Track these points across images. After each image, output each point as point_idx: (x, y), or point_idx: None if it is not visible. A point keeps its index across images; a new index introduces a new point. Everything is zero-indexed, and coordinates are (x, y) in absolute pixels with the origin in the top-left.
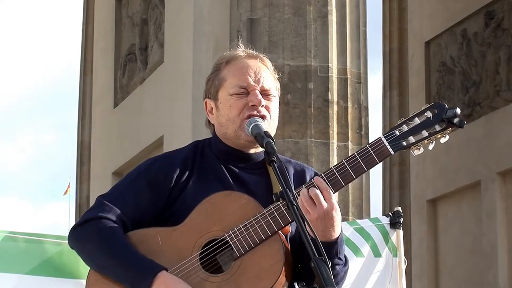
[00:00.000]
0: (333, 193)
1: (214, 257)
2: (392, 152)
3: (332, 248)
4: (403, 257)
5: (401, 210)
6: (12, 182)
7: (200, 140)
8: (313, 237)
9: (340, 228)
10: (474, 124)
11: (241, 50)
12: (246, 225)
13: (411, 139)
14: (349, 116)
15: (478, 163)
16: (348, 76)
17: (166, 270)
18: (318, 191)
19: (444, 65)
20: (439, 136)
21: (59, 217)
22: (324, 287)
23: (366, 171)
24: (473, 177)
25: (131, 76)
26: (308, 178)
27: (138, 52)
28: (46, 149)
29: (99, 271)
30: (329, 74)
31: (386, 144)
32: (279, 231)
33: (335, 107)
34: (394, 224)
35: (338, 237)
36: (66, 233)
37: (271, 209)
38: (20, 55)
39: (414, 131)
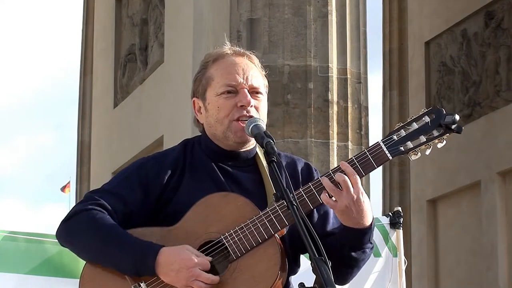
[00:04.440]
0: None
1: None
2: (390, 158)
3: (366, 234)
4: (403, 257)
5: (401, 210)
6: (11, 184)
7: (189, 138)
8: (314, 236)
9: (371, 213)
10: (474, 124)
11: (227, 48)
12: (242, 227)
13: (409, 144)
14: (349, 116)
15: (478, 163)
16: (348, 76)
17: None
18: (346, 177)
19: (444, 65)
20: (436, 141)
21: (59, 218)
22: (324, 287)
23: (363, 175)
24: (473, 177)
25: (131, 76)
26: (299, 169)
27: (138, 52)
28: (45, 150)
29: (94, 261)
30: (329, 74)
31: (385, 149)
32: (275, 234)
33: (335, 107)
34: (394, 224)
35: (371, 223)
36: None
37: (268, 211)
38: (19, 55)
39: (412, 136)
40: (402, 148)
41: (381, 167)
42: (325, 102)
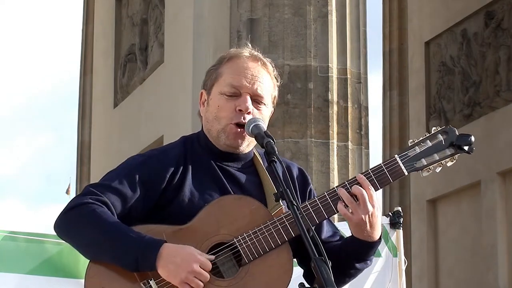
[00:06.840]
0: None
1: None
2: (406, 173)
3: (373, 248)
4: (403, 257)
5: (401, 210)
6: (11, 184)
7: (187, 136)
8: (313, 236)
9: (381, 227)
10: (474, 124)
11: (247, 50)
12: (256, 231)
13: (423, 161)
14: (349, 116)
15: (478, 163)
16: (348, 76)
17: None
18: (363, 191)
19: (444, 65)
20: (448, 160)
21: None
22: (324, 287)
23: (379, 189)
24: (473, 177)
25: (131, 76)
26: (295, 174)
27: (138, 52)
28: (45, 150)
29: (92, 254)
30: (329, 74)
31: (401, 164)
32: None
33: (335, 107)
34: (394, 224)
35: (380, 236)
36: None
37: (282, 217)
38: (19, 55)
39: (426, 153)
40: (416, 165)
41: None
42: (325, 102)
